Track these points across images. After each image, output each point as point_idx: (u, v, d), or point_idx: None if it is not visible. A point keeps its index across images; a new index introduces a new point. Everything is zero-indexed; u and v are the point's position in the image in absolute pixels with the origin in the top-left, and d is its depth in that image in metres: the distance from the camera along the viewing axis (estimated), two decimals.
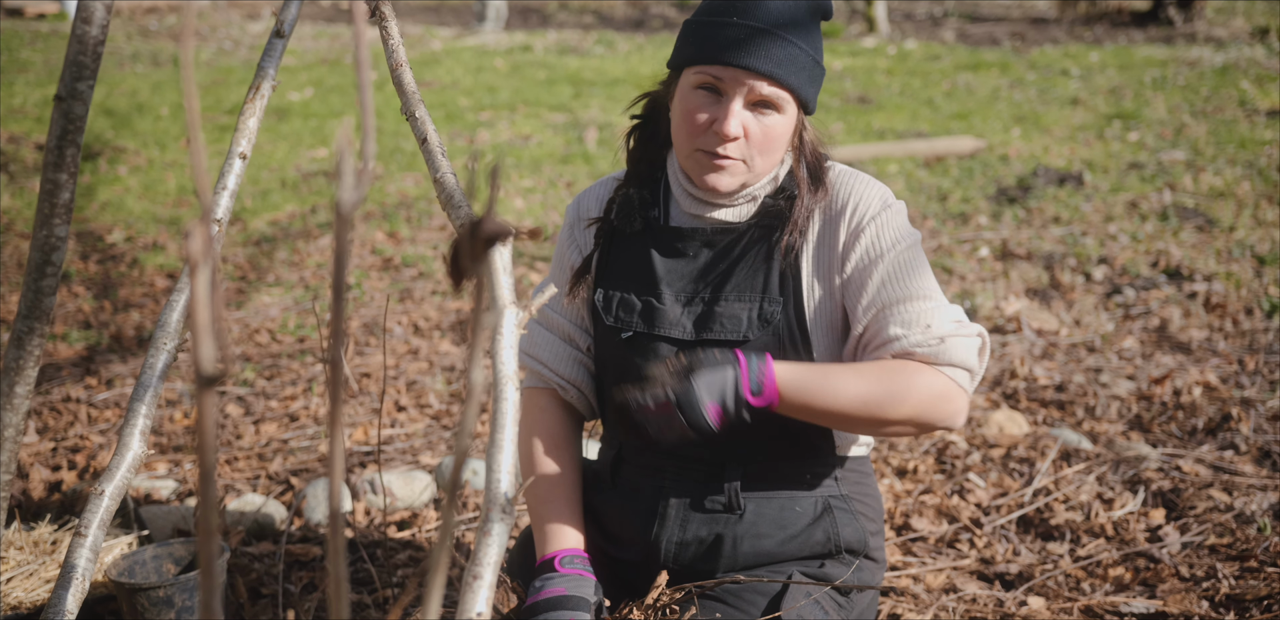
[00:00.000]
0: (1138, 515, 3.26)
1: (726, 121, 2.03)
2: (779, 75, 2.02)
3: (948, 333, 2.05)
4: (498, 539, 1.51)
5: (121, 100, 10.86)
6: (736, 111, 2.04)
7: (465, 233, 0.93)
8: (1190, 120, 8.91)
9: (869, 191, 2.17)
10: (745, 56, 2.02)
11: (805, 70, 2.05)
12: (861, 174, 2.22)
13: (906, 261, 2.11)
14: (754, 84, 2.03)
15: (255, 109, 2.54)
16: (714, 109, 2.07)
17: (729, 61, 2.02)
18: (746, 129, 2.07)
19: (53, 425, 4.04)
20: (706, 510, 2.26)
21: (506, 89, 11.39)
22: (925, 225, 6.45)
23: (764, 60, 2.01)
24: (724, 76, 2.04)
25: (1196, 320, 4.90)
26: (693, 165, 2.13)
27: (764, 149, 2.09)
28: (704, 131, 2.08)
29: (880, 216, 2.13)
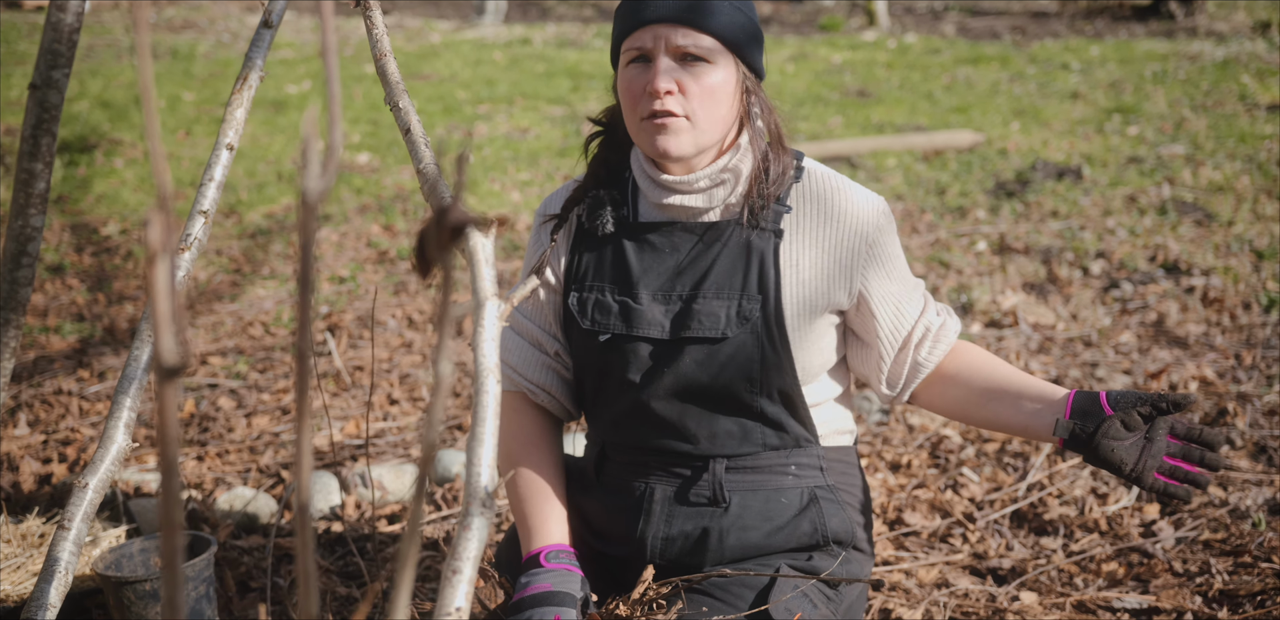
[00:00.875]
0: (1131, 510, 3.25)
1: (655, 79, 2.03)
2: (696, 21, 2.03)
3: (947, 306, 2.36)
4: (478, 533, 1.50)
5: (119, 92, 10.84)
6: (664, 67, 2.04)
7: (431, 221, 0.92)
8: (1190, 114, 8.89)
9: (859, 199, 2.21)
10: (657, 9, 2.04)
11: (728, 17, 2.05)
12: (841, 177, 2.25)
13: (904, 262, 2.27)
14: (670, 34, 2.04)
15: (243, 100, 2.52)
16: (645, 74, 2.07)
17: (644, 19, 2.04)
18: (680, 83, 2.06)
19: (44, 418, 4.03)
20: (692, 504, 2.25)
21: (505, 82, 11.37)
22: (923, 219, 6.43)
23: (676, 9, 2.03)
24: (645, 39, 2.05)
25: (1194, 315, 4.88)
26: (643, 138, 2.12)
27: (704, 102, 2.07)
28: (641, 98, 2.07)
29: (885, 225, 2.20)
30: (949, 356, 2.26)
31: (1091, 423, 2.00)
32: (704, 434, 2.22)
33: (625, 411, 2.25)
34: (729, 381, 2.18)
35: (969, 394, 2.21)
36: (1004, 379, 2.18)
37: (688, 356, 2.18)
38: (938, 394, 2.27)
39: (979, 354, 2.25)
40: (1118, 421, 1.98)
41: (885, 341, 2.23)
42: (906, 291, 2.23)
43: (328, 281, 5.62)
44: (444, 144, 8.62)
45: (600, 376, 2.27)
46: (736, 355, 2.16)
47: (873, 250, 2.18)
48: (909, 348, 2.24)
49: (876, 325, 2.22)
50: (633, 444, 2.28)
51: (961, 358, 2.25)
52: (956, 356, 2.26)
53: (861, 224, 2.17)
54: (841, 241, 2.17)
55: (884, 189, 7.07)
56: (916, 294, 2.25)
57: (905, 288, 2.23)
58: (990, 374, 2.20)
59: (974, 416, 2.23)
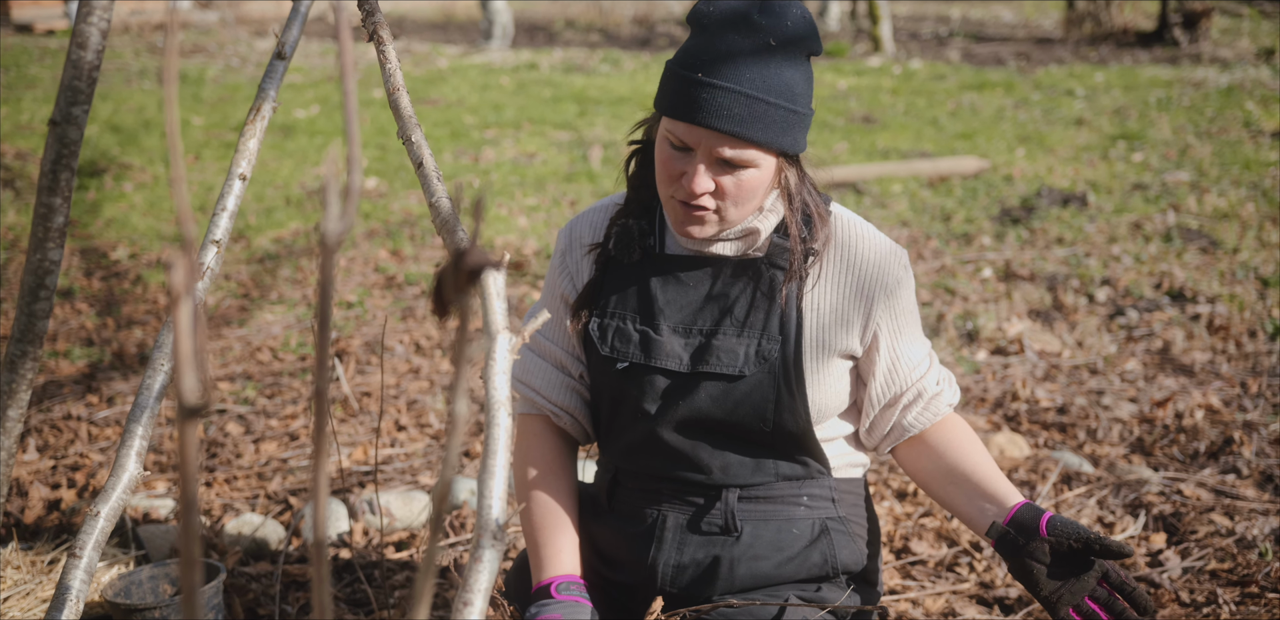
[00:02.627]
0: (1138, 539, 3.25)
1: (694, 180, 2.03)
2: (743, 134, 1.99)
3: (952, 379, 2.33)
4: (489, 565, 1.51)
5: (128, 117, 10.89)
6: (701, 171, 2.03)
7: (449, 264, 0.93)
8: (1195, 141, 8.92)
9: (884, 248, 2.22)
10: (706, 117, 1.98)
11: (776, 124, 2.01)
12: (864, 223, 2.25)
13: (916, 318, 2.29)
14: (716, 144, 2.01)
15: (256, 130, 2.55)
16: (684, 162, 2.06)
17: (688, 119, 2.00)
18: (718, 183, 2.05)
19: (53, 443, 4.04)
20: (703, 533, 2.26)
21: (512, 107, 11.42)
22: (929, 245, 6.45)
23: (726, 120, 1.98)
24: (687, 136, 2.02)
25: (1199, 342, 4.89)
26: (670, 212, 2.14)
27: (737, 200, 2.08)
28: (676, 181, 2.08)
29: (903, 278, 2.22)
30: (936, 426, 2.27)
31: (1024, 537, 2.06)
32: (716, 465, 2.23)
33: (638, 440, 2.26)
34: (742, 418, 2.19)
35: (935, 469, 2.25)
36: (971, 467, 2.20)
37: (703, 391, 2.19)
38: (911, 458, 2.31)
39: (962, 433, 2.27)
40: (1047, 546, 2.04)
41: (875, 393, 2.26)
42: (912, 349, 2.25)
43: (336, 307, 5.64)
44: (460, 184, 8.66)
45: (615, 404, 2.29)
46: (752, 394, 2.18)
47: (889, 301, 2.21)
48: (896, 406, 2.26)
49: (872, 375, 2.25)
50: (645, 472, 2.29)
51: (945, 432, 2.27)
52: (941, 429, 2.27)
53: (882, 273, 2.20)
54: (861, 288, 2.19)
55: (889, 215, 7.09)
56: (920, 354, 2.26)
57: (911, 346, 2.25)
58: (962, 458, 2.22)
59: (932, 491, 2.29)
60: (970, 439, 2.26)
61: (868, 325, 2.20)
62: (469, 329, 0.97)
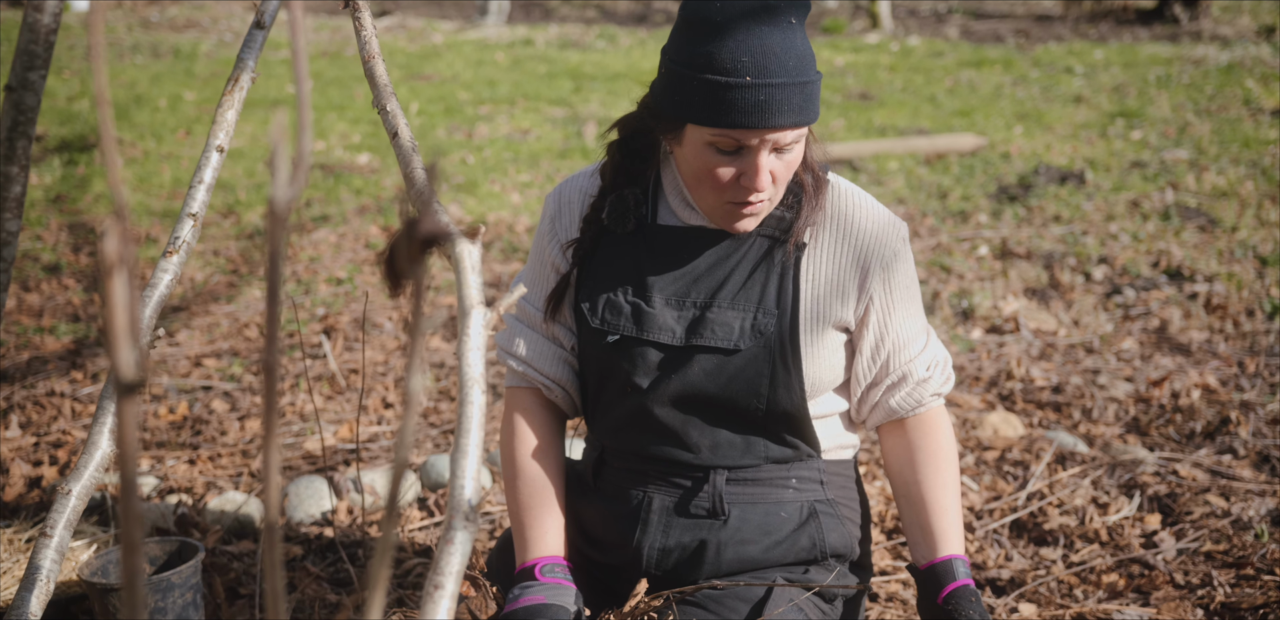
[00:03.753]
0: (1133, 520, 3.21)
1: (758, 177, 1.96)
2: (803, 121, 1.95)
3: (948, 364, 2.27)
4: (461, 547, 1.46)
5: (120, 92, 10.80)
6: (764, 165, 1.96)
7: (401, 233, 0.88)
8: (1194, 119, 8.85)
9: (883, 219, 2.16)
10: (771, 118, 1.91)
11: (816, 97, 1.97)
12: (864, 194, 2.19)
13: (914, 295, 2.23)
14: (779, 137, 1.94)
15: (234, 101, 2.49)
16: (738, 163, 1.98)
17: (754, 125, 1.91)
18: (772, 171, 2.00)
19: (36, 420, 3.99)
20: (690, 515, 2.21)
21: (506, 83, 11.34)
22: (925, 223, 6.39)
23: (789, 115, 1.92)
24: (748, 139, 1.94)
25: (1197, 322, 4.84)
26: (721, 217, 2.07)
27: (783, 181, 2.04)
28: (731, 186, 2.00)
29: (900, 251, 2.16)
30: (918, 422, 2.24)
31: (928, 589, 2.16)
32: (706, 444, 2.18)
33: (626, 417, 2.21)
34: (736, 394, 2.14)
35: (901, 472, 2.25)
36: (930, 493, 2.20)
37: (697, 365, 2.14)
38: (887, 445, 2.29)
39: (938, 443, 2.24)
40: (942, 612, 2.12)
41: (860, 369, 2.22)
42: (904, 327, 2.19)
43: (325, 283, 5.58)
44: (442, 147, 8.59)
45: (602, 378, 2.23)
46: (746, 368, 2.13)
47: (884, 274, 2.15)
48: (880, 386, 2.22)
49: (859, 350, 2.20)
50: (632, 450, 2.24)
51: (924, 437, 2.24)
52: (922, 428, 2.24)
53: (879, 244, 2.14)
54: (857, 259, 2.14)
55: (885, 193, 7.03)
56: (912, 333, 2.21)
57: (905, 323, 2.19)
58: (927, 476, 2.21)
59: (891, 485, 2.29)
60: (945, 455, 2.23)
61: (860, 297, 2.15)
62: (423, 302, 0.92)
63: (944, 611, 2.10)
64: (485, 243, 6.20)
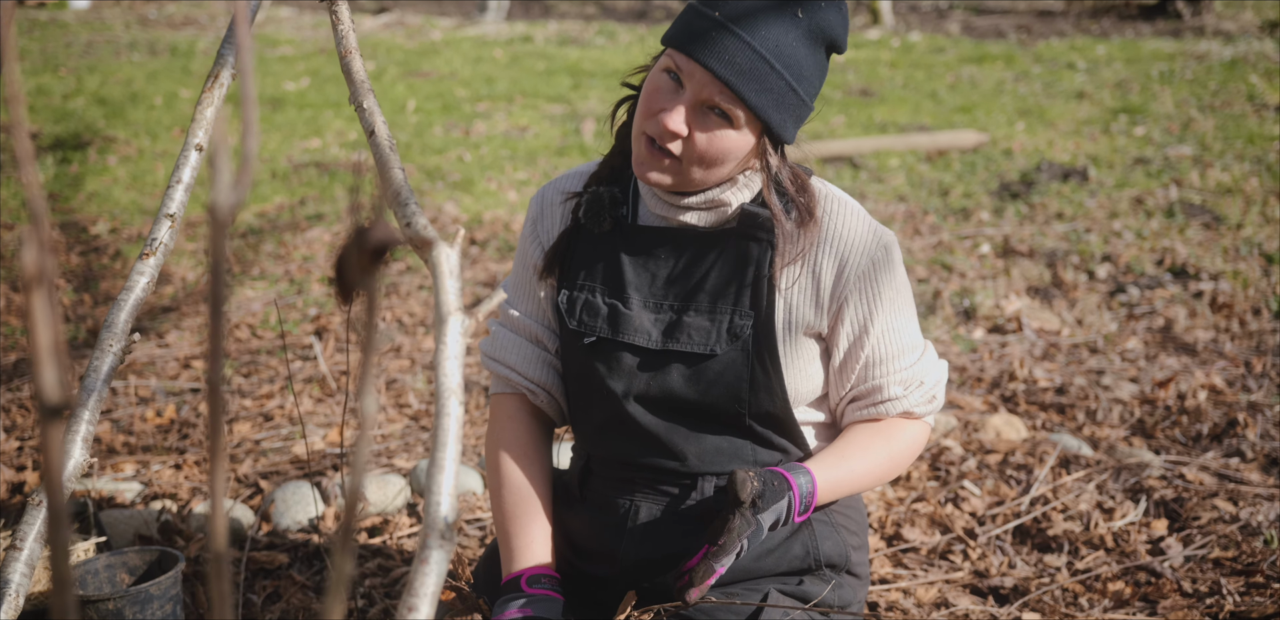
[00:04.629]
0: (1139, 526, 3.13)
1: (669, 116, 1.92)
2: (735, 85, 1.88)
3: (935, 387, 2.16)
4: (436, 567, 1.39)
5: (116, 89, 10.73)
6: (682, 111, 1.92)
7: (350, 242, 0.81)
8: (1198, 115, 8.76)
9: (860, 226, 2.07)
10: (707, 54, 1.88)
11: (772, 93, 1.90)
12: (849, 201, 2.11)
13: (900, 309, 2.11)
14: (707, 84, 1.90)
15: (214, 98, 2.43)
16: (670, 98, 1.94)
17: (690, 53, 1.89)
18: (692, 131, 1.93)
19: (20, 423, 3.92)
20: (679, 524, 2.14)
21: (505, 80, 11.26)
22: (926, 221, 6.32)
23: (724, 65, 1.87)
24: (684, 68, 1.91)
25: (1202, 321, 4.77)
26: (637, 147, 2.01)
27: (703, 160, 1.95)
28: (653, 116, 1.96)
29: (881, 260, 2.07)
30: (890, 423, 2.15)
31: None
32: (692, 451, 2.11)
33: (609, 422, 2.15)
34: (716, 400, 2.07)
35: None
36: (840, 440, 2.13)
37: (674, 370, 2.08)
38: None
39: (895, 437, 2.13)
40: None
41: (831, 379, 2.14)
42: (884, 342, 2.09)
43: (318, 282, 5.51)
44: (437, 145, 8.51)
45: (582, 381, 2.17)
46: (725, 373, 2.06)
47: (862, 283, 2.06)
48: (847, 397, 2.14)
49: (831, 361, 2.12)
50: (618, 458, 2.17)
51: (886, 427, 2.14)
52: (889, 425, 2.14)
53: (855, 252, 2.06)
54: (831, 265, 2.06)
55: (886, 190, 6.96)
56: (895, 349, 2.10)
57: (885, 337, 2.09)
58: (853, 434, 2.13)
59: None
60: (885, 434, 2.12)
61: (832, 305, 2.07)
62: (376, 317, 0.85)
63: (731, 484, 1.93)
64: (481, 241, 6.13)
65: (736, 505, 1.90)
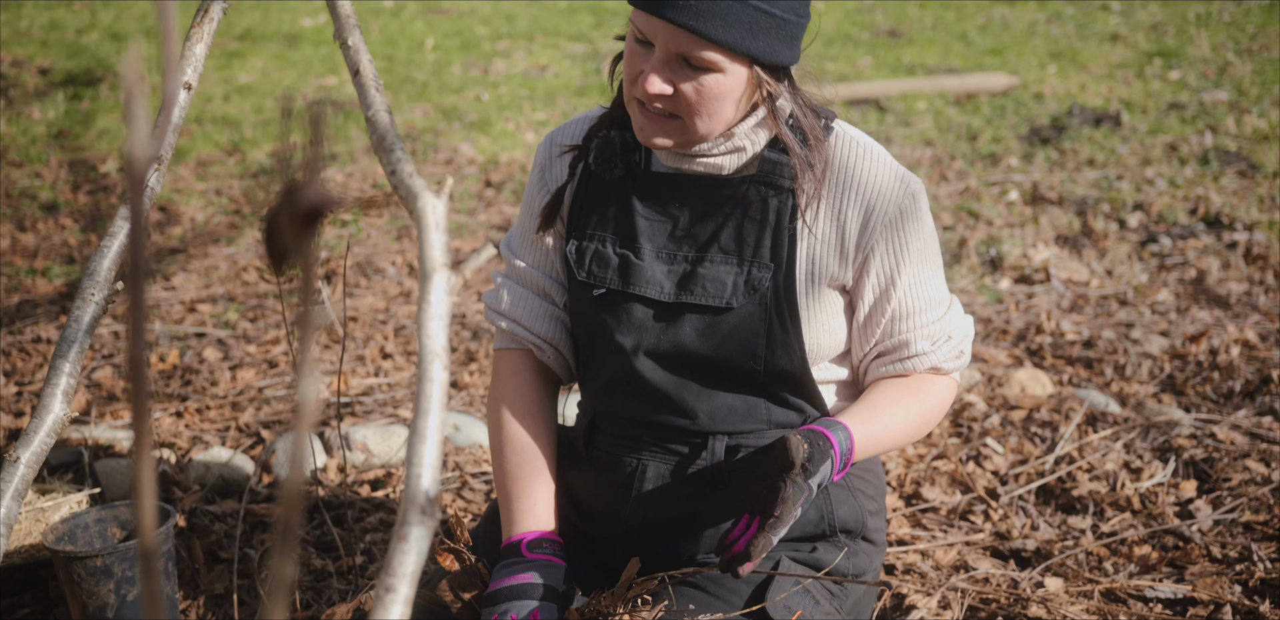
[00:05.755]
0: (1167, 487, 3.02)
1: (647, 78, 1.80)
2: (701, 30, 1.75)
3: (963, 342, 2.05)
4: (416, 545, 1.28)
5: (130, 24, 10.57)
6: (658, 68, 1.80)
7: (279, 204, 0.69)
8: (1235, 59, 8.52)
9: (886, 172, 1.94)
10: (662, 6, 1.75)
11: (743, 23, 1.76)
12: (874, 145, 1.97)
13: (927, 260, 1.99)
14: (673, 40, 1.77)
15: (203, 34, 2.31)
16: (643, 60, 1.83)
17: (648, 9, 1.78)
18: (677, 88, 1.81)
19: (20, 367, 3.84)
20: (688, 484, 2.04)
21: (525, 17, 11.05)
22: (953, 166, 6.15)
23: (682, 12, 1.74)
24: (645, 28, 1.80)
25: (1236, 272, 4.62)
26: (632, 114, 1.90)
27: (698, 109, 1.83)
28: (634, 82, 1.85)
29: (909, 209, 1.94)
30: (918, 378, 2.03)
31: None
32: (703, 409, 2.00)
33: (617, 379, 2.04)
34: (731, 355, 1.96)
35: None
36: (868, 394, 2.01)
37: (687, 324, 1.96)
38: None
39: (924, 391, 2.02)
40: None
41: (856, 334, 2.02)
42: (912, 294, 1.97)
43: (329, 224, 5.40)
44: (456, 83, 8.34)
45: (590, 336, 2.07)
46: (741, 327, 1.95)
47: (888, 232, 1.93)
48: (873, 352, 2.03)
49: (856, 314, 2.00)
50: (625, 416, 2.07)
51: (915, 382, 2.02)
52: (918, 379, 2.03)
53: (884, 200, 1.93)
54: (857, 214, 1.93)
55: (913, 134, 6.78)
56: (923, 302, 1.98)
57: (912, 289, 1.97)
58: (881, 389, 2.02)
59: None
60: (915, 389, 2.01)
61: (858, 255, 1.94)
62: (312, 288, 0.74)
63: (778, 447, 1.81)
64: (496, 183, 6.01)
65: (787, 470, 1.77)
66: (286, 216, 0.69)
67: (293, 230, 0.69)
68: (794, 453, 1.76)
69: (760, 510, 1.78)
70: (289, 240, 0.69)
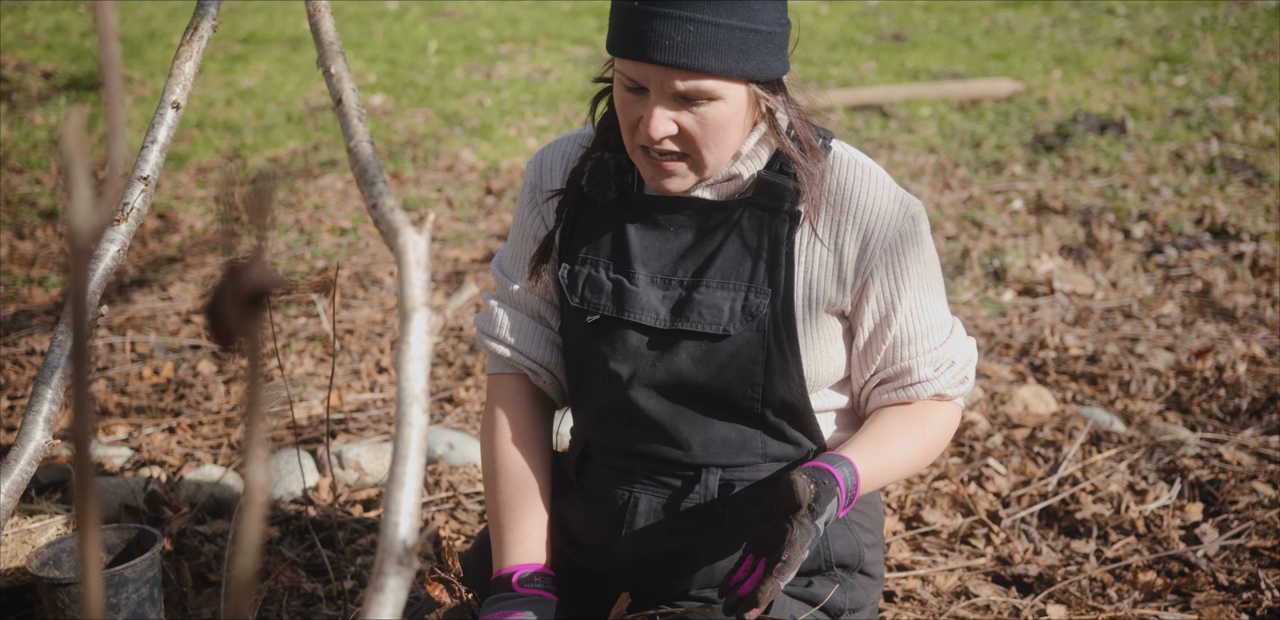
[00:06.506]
0: (1172, 509, 2.97)
1: (649, 124, 1.77)
2: (692, 65, 1.71)
3: (966, 367, 2.00)
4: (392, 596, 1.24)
5: (134, 27, 10.54)
6: (658, 113, 1.76)
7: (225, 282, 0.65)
8: (1241, 64, 8.46)
9: (885, 195, 1.90)
10: (649, 50, 1.72)
11: (734, 47, 1.72)
12: (873, 167, 1.93)
13: (928, 284, 1.95)
14: (666, 79, 1.74)
15: (192, 52, 2.27)
16: (639, 106, 1.79)
17: (631, 55, 1.74)
18: (679, 124, 1.78)
19: (13, 380, 3.80)
20: (680, 519, 2.00)
21: (529, 20, 11.01)
22: (957, 174, 6.11)
23: (669, 52, 1.71)
24: (634, 75, 1.76)
25: (1242, 284, 4.57)
26: (640, 164, 1.87)
27: (706, 142, 1.80)
28: (634, 129, 1.81)
29: (909, 232, 1.90)
30: (922, 406, 1.98)
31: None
32: (697, 440, 1.96)
33: (609, 407, 2.00)
34: (728, 383, 1.92)
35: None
36: (871, 425, 1.95)
37: (683, 351, 1.92)
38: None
39: (928, 421, 1.97)
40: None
41: (856, 359, 1.97)
42: (913, 319, 1.93)
43: (328, 232, 5.36)
44: (458, 88, 8.29)
45: (583, 363, 2.02)
46: (738, 355, 1.90)
47: (888, 257, 1.89)
48: (874, 379, 1.98)
49: (856, 340, 1.96)
50: (617, 446, 2.02)
51: (918, 410, 1.97)
52: (922, 408, 1.98)
53: (883, 223, 1.88)
54: (856, 237, 1.89)
55: (916, 140, 6.74)
56: (925, 327, 1.94)
57: (913, 314, 1.93)
58: (884, 419, 1.96)
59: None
60: (919, 418, 1.96)
61: (857, 280, 1.90)
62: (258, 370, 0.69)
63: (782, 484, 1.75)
64: (497, 191, 5.97)
65: (793, 512, 1.72)
66: (230, 297, 0.64)
67: (237, 311, 0.65)
68: (800, 494, 1.71)
69: (766, 552, 1.74)
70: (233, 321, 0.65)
